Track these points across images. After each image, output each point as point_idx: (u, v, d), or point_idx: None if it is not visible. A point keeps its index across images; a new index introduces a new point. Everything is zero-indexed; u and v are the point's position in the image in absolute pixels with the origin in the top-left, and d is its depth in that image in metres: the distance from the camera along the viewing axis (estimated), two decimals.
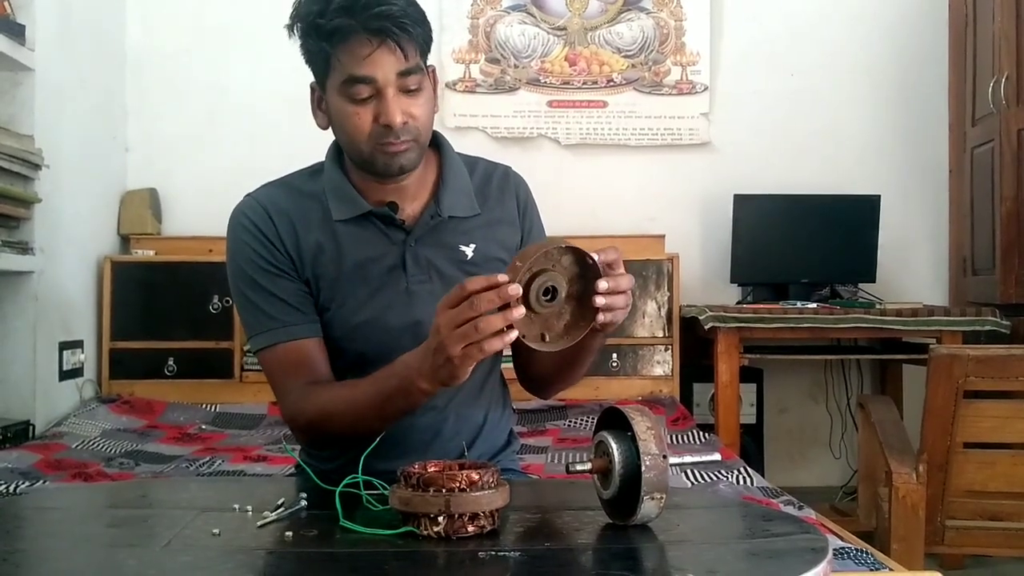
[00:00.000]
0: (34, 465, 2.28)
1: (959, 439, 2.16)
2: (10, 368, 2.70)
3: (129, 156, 3.49)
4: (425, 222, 1.42)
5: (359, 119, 1.31)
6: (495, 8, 3.56)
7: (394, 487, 1.02)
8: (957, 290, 3.53)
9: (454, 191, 1.44)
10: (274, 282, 1.39)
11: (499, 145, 3.51)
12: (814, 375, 3.63)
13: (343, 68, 1.29)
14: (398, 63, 1.29)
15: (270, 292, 1.39)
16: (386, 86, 1.29)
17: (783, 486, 2.28)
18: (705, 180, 3.57)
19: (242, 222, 1.41)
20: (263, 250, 1.39)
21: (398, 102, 1.30)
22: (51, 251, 2.78)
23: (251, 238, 1.40)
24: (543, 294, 1.11)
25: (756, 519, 1.17)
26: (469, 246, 1.44)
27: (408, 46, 1.29)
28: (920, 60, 3.61)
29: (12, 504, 1.40)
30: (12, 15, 2.63)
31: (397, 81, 1.30)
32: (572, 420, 2.95)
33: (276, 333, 1.38)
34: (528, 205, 1.53)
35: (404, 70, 1.30)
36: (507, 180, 1.51)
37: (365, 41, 1.27)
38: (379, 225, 1.41)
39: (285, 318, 1.38)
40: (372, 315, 1.39)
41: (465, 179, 1.47)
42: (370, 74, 1.29)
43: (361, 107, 1.31)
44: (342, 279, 1.39)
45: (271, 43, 3.45)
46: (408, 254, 1.41)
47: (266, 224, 1.40)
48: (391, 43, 1.27)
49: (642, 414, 1.04)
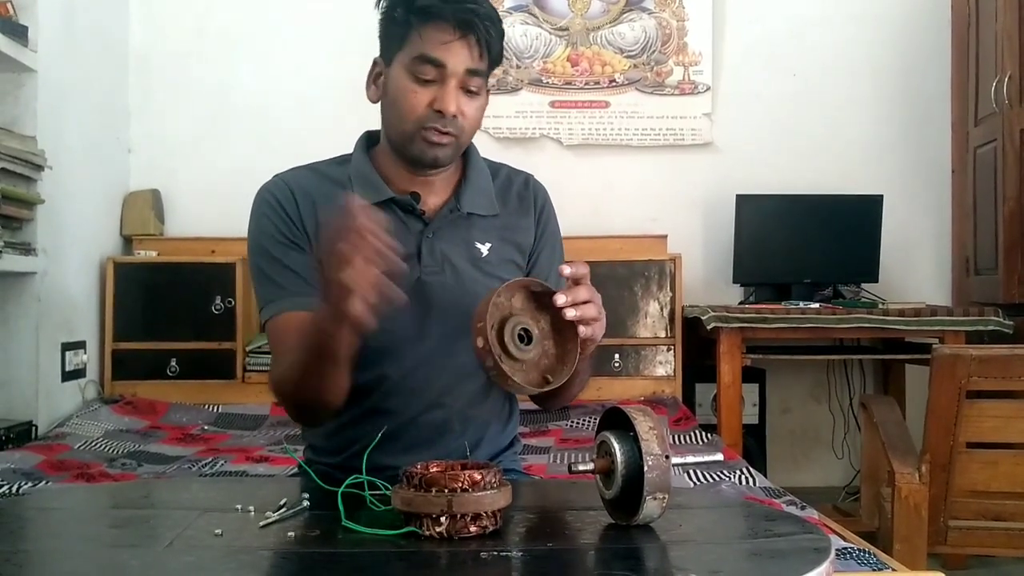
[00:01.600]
0: (37, 466, 2.29)
1: (962, 439, 2.15)
2: (13, 369, 2.70)
3: (132, 157, 3.49)
4: (444, 215, 1.44)
5: (416, 98, 1.34)
6: (497, 8, 3.56)
7: (396, 487, 1.02)
8: (960, 290, 3.53)
9: (475, 190, 1.47)
10: (287, 254, 1.40)
11: (501, 146, 3.51)
12: (817, 375, 3.63)
13: (420, 45, 1.33)
14: (471, 60, 1.33)
15: (283, 264, 1.39)
16: (452, 76, 1.33)
17: (785, 486, 2.28)
18: (707, 180, 3.57)
19: (265, 198, 1.43)
20: (281, 224, 1.41)
21: (457, 97, 1.34)
22: (54, 252, 2.78)
23: (271, 212, 1.41)
24: (519, 340, 1.12)
25: (759, 519, 1.17)
26: (485, 244, 1.46)
27: (484, 48, 1.34)
28: (923, 60, 3.61)
29: (15, 505, 1.40)
30: (15, 16, 2.63)
31: (463, 76, 1.34)
32: (574, 420, 2.95)
33: (282, 303, 1.38)
34: (547, 215, 1.55)
35: (473, 69, 1.34)
36: (527, 187, 1.55)
37: (450, 28, 1.31)
38: (399, 214, 1.42)
39: (293, 288, 1.38)
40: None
41: (487, 180, 1.50)
42: (443, 59, 1.32)
43: (421, 88, 1.34)
44: None
45: (275, 44, 3.52)
46: (424, 245, 1.42)
47: (288, 201, 1.41)
48: (472, 38, 1.32)
49: (644, 414, 1.04)
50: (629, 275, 3.24)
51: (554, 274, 1.50)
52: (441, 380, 1.42)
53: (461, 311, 1.41)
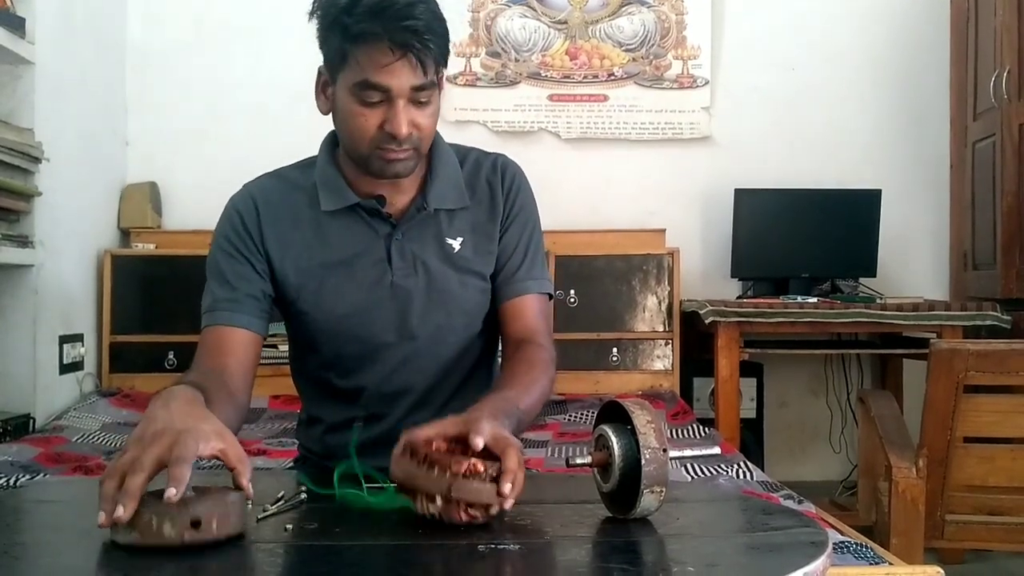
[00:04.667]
0: (34, 459, 2.29)
1: (959, 434, 2.16)
2: (10, 362, 2.70)
3: (129, 150, 3.49)
4: (412, 215, 1.41)
5: (365, 121, 1.30)
6: (496, 2, 3.56)
7: (397, 454, 1.02)
8: (958, 285, 3.53)
9: (442, 183, 1.42)
10: (233, 269, 1.39)
11: (500, 139, 3.51)
12: (814, 369, 3.63)
13: (360, 70, 1.28)
14: (415, 77, 1.27)
15: (226, 279, 1.39)
16: (399, 97, 1.28)
17: (783, 480, 2.28)
18: (706, 174, 3.57)
19: (229, 212, 1.43)
20: (235, 239, 1.40)
21: (407, 113, 1.29)
22: (51, 245, 2.78)
23: (230, 227, 1.41)
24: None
25: (756, 513, 1.17)
26: (456, 239, 1.43)
27: (428, 62, 1.27)
28: (921, 54, 3.61)
29: (12, 497, 1.40)
30: (12, 8, 2.62)
31: (410, 93, 1.29)
32: (572, 414, 2.95)
33: (210, 315, 1.38)
34: (516, 191, 1.48)
35: (419, 85, 1.28)
36: (495, 169, 1.48)
37: (387, 50, 1.25)
38: (366, 218, 1.40)
39: (227, 305, 1.37)
40: (356, 308, 1.39)
41: (455, 170, 1.45)
42: (386, 83, 1.27)
43: (369, 110, 1.30)
44: (327, 271, 1.39)
45: (271, 38, 3.51)
46: (394, 247, 1.40)
47: (251, 216, 1.41)
48: (412, 57, 1.26)
49: (642, 408, 1.04)
50: (627, 269, 3.24)
51: (517, 253, 1.47)
52: (424, 380, 1.42)
53: (438, 310, 1.41)
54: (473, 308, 1.44)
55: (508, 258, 1.45)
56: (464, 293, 1.43)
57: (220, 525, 0.92)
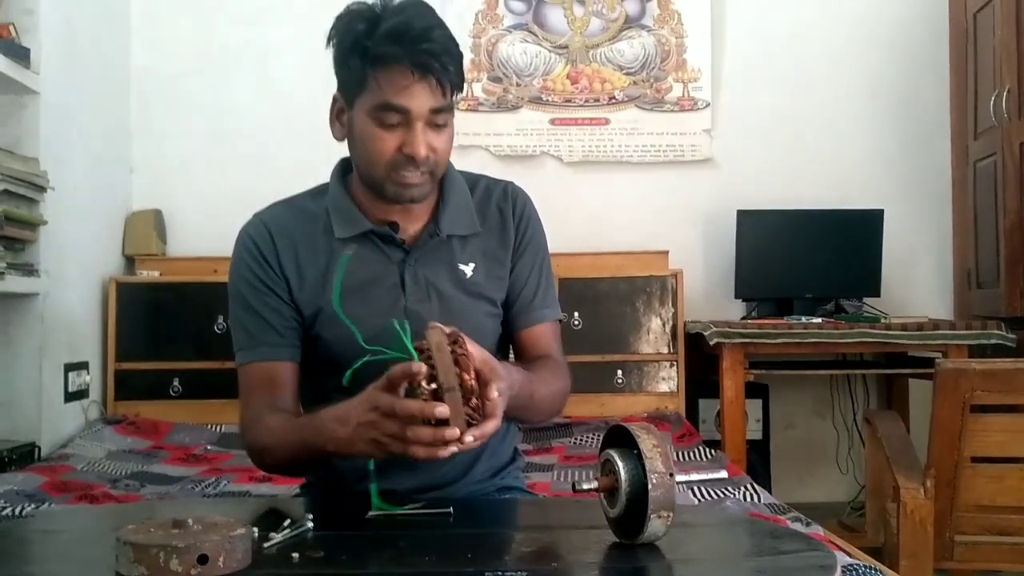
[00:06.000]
0: (40, 487, 2.28)
1: (967, 453, 2.14)
2: (16, 390, 2.70)
3: (134, 177, 3.50)
4: (424, 241, 1.43)
5: (383, 144, 1.33)
6: (497, 27, 3.58)
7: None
8: (962, 303, 3.53)
9: (454, 210, 1.45)
10: (262, 301, 1.41)
11: (502, 163, 3.52)
12: (820, 390, 3.62)
13: (380, 93, 1.30)
14: (434, 99, 1.31)
15: (256, 311, 1.41)
16: (418, 119, 1.31)
17: (790, 502, 2.27)
18: (708, 196, 3.57)
19: (244, 241, 1.45)
20: (258, 269, 1.42)
21: (425, 135, 1.32)
22: (56, 273, 2.79)
23: (249, 257, 1.43)
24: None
25: (764, 536, 1.17)
26: (468, 265, 1.45)
27: (446, 84, 1.31)
28: (921, 73, 3.62)
29: (18, 527, 1.40)
30: (17, 38, 2.64)
31: (428, 116, 1.31)
32: (577, 437, 2.94)
33: (251, 352, 1.41)
34: (526, 220, 1.51)
35: (437, 107, 1.31)
36: (506, 196, 1.51)
37: (407, 72, 1.28)
38: (379, 244, 1.42)
39: (263, 338, 1.41)
40: (370, 333, 1.39)
41: (466, 197, 1.48)
42: (406, 104, 1.30)
43: (388, 132, 1.32)
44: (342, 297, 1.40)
45: (275, 65, 3.53)
46: (407, 273, 1.41)
47: (267, 245, 1.42)
48: (431, 79, 1.29)
49: (648, 432, 1.04)
50: (631, 291, 3.24)
51: (531, 282, 1.50)
52: None
53: None
54: (485, 333, 1.45)
55: (522, 288, 1.49)
56: (476, 318, 1.44)
57: (227, 560, 0.92)
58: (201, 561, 0.90)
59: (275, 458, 1.38)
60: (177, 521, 0.95)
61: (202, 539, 0.91)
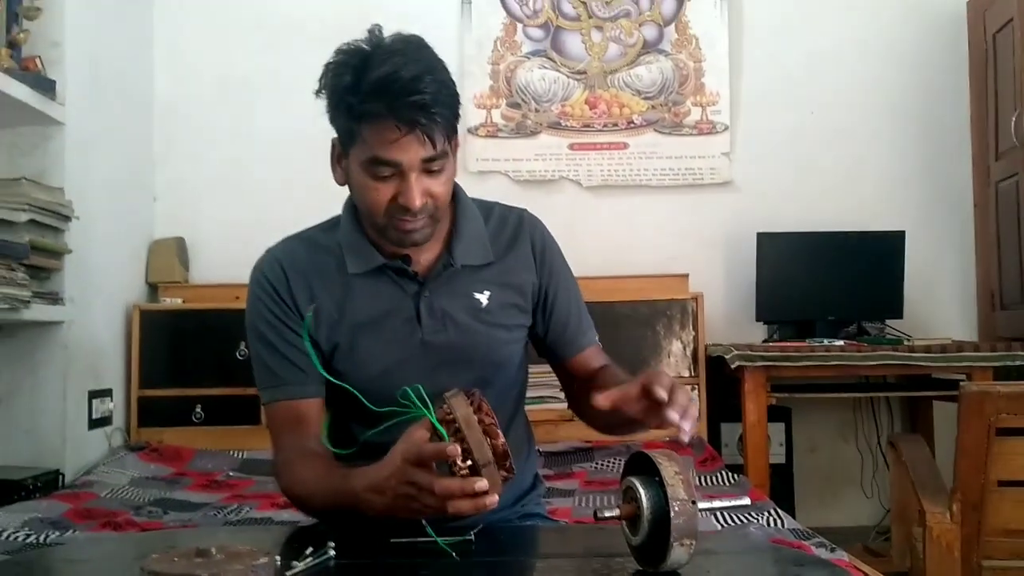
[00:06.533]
0: (64, 514, 2.29)
1: (993, 477, 2.12)
2: (40, 417, 2.72)
3: (157, 205, 3.54)
4: (438, 272, 1.43)
5: (378, 194, 1.33)
6: (515, 54, 3.60)
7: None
8: (986, 325, 3.50)
9: (467, 239, 1.45)
10: (282, 339, 1.42)
11: (521, 188, 3.53)
12: (843, 413, 3.59)
13: (369, 148, 1.30)
14: (424, 150, 1.30)
15: (276, 349, 1.43)
16: (410, 171, 1.30)
17: (814, 527, 2.25)
18: (728, 219, 3.57)
19: (258, 279, 1.46)
20: (275, 308, 1.43)
21: (419, 184, 1.31)
22: (81, 301, 2.81)
23: (265, 295, 1.44)
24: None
25: (788, 564, 1.16)
26: (483, 293, 1.45)
27: (437, 135, 1.29)
28: (941, 95, 3.61)
29: (43, 557, 1.41)
30: (43, 71, 2.69)
31: (421, 165, 1.31)
32: (599, 463, 2.93)
33: (276, 391, 1.43)
34: (545, 249, 1.52)
35: (429, 157, 1.31)
36: (521, 225, 1.52)
37: (394, 127, 1.27)
38: (393, 277, 1.42)
39: (286, 376, 1.42)
40: (388, 367, 1.40)
41: (479, 226, 1.48)
42: (395, 159, 1.30)
43: (382, 184, 1.32)
44: (358, 331, 1.41)
45: (296, 92, 3.50)
46: (423, 305, 1.42)
47: (280, 282, 1.44)
48: (419, 132, 1.28)
49: (670, 459, 1.04)
50: (651, 314, 3.23)
51: (570, 312, 1.51)
52: None
53: (468, 365, 1.42)
54: (502, 360, 1.46)
55: (567, 319, 1.51)
56: (493, 346, 1.44)
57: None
58: None
59: (311, 508, 1.41)
60: (200, 550, 0.96)
61: (225, 568, 0.92)
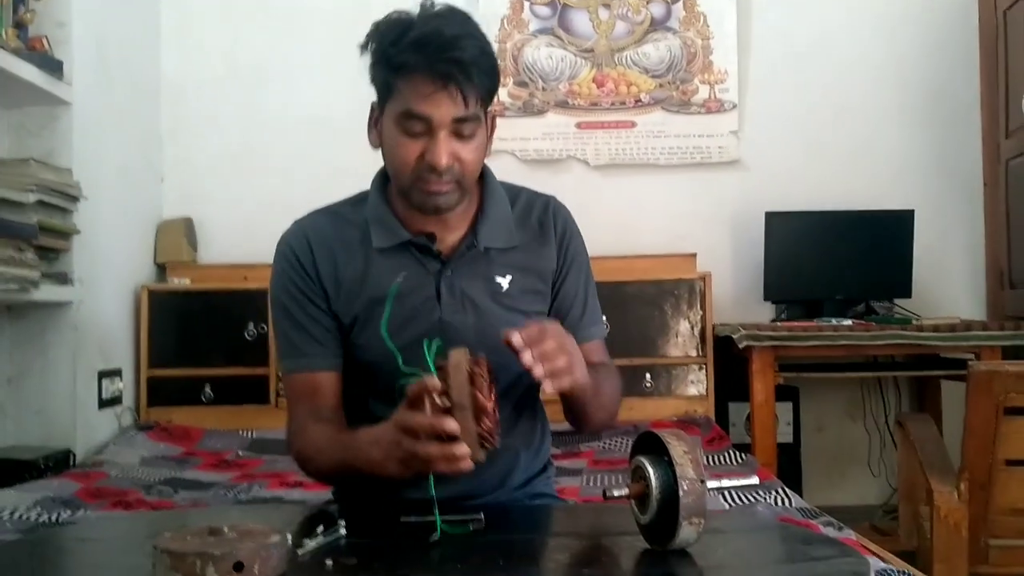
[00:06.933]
0: (75, 494, 2.31)
1: (1001, 456, 2.12)
2: (51, 397, 2.74)
3: (165, 186, 3.54)
4: (462, 253, 1.44)
5: (407, 151, 1.34)
6: (522, 32, 3.59)
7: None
8: (995, 304, 3.49)
9: (493, 222, 1.45)
10: (303, 311, 1.43)
11: (528, 167, 3.52)
12: (851, 393, 3.59)
13: (403, 100, 1.32)
14: (456, 109, 1.31)
15: (297, 321, 1.43)
16: (439, 128, 1.31)
17: (821, 505, 2.25)
18: (736, 198, 3.56)
19: (284, 250, 1.47)
20: (298, 279, 1.44)
21: (448, 144, 1.32)
22: (90, 281, 2.82)
23: (289, 267, 1.45)
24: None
25: (796, 543, 1.17)
26: (505, 277, 1.45)
27: (470, 94, 1.31)
28: (951, 73, 3.59)
29: (55, 536, 1.42)
30: (50, 51, 2.68)
31: (452, 125, 1.32)
32: (606, 442, 2.94)
33: (295, 361, 1.44)
34: (569, 237, 1.53)
35: (461, 117, 1.32)
36: (547, 211, 1.52)
37: (429, 81, 1.29)
38: (416, 255, 1.43)
39: (305, 348, 1.43)
40: (405, 343, 1.40)
41: (506, 210, 1.48)
42: (427, 113, 1.31)
43: (412, 140, 1.33)
44: (377, 307, 1.41)
45: (303, 73, 3.55)
46: (443, 284, 1.42)
47: (305, 254, 1.44)
48: (454, 88, 1.29)
49: (679, 438, 1.04)
50: (659, 294, 3.23)
51: (577, 302, 1.51)
52: None
53: (485, 347, 1.41)
54: None
55: (570, 307, 1.50)
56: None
57: (262, 568, 0.93)
58: (237, 568, 0.91)
59: (316, 468, 1.42)
60: (213, 529, 0.97)
61: (238, 547, 0.92)
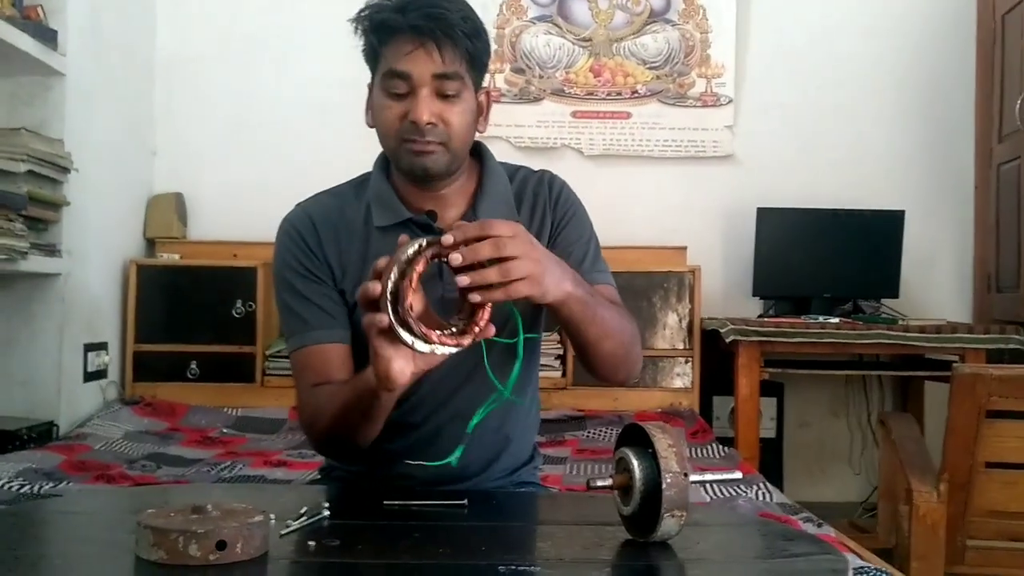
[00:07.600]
0: (58, 466, 2.31)
1: (981, 458, 2.14)
2: (36, 369, 2.73)
3: (156, 160, 3.52)
4: None
5: (390, 113, 1.35)
6: (521, 18, 3.58)
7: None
8: (981, 307, 3.51)
9: (492, 198, 1.46)
10: (309, 287, 1.43)
11: (522, 155, 3.52)
12: (835, 390, 3.61)
13: (385, 61, 1.34)
14: (435, 65, 1.32)
15: (304, 296, 1.43)
16: (420, 85, 1.33)
17: (802, 501, 2.27)
18: (728, 192, 3.56)
19: (287, 230, 1.46)
20: (303, 257, 1.44)
21: (430, 103, 1.33)
22: (78, 254, 2.81)
23: (293, 245, 1.44)
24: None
25: (776, 538, 1.17)
26: None
27: (449, 51, 1.32)
28: (947, 75, 3.60)
29: (38, 509, 1.42)
30: (45, 20, 2.66)
31: (433, 83, 1.33)
32: (591, 431, 2.95)
33: (303, 337, 1.43)
34: (564, 199, 1.52)
35: (441, 73, 1.33)
36: (542, 183, 1.53)
37: (408, 39, 1.31)
38: (417, 232, 1.42)
39: (313, 321, 1.42)
40: None
41: (505, 186, 1.49)
42: (407, 70, 1.32)
43: (395, 102, 1.35)
44: None
45: (297, 51, 3.54)
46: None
47: (310, 233, 1.44)
48: (432, 45, 1.31)
49: (663, 431, 1.05)
50: (648, 286, 3.24)
51: (577, 251, 1.49)
52: (465, 392, 1.43)
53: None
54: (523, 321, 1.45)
55: (570, 253, 1.46)
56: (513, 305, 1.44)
57: (244, 547, 0.93)
58: (219, 547, 0.91)
59: (319, 431, 1.38)
60: (196, 507, 0.97)
61: (221, 525, 0.93)
